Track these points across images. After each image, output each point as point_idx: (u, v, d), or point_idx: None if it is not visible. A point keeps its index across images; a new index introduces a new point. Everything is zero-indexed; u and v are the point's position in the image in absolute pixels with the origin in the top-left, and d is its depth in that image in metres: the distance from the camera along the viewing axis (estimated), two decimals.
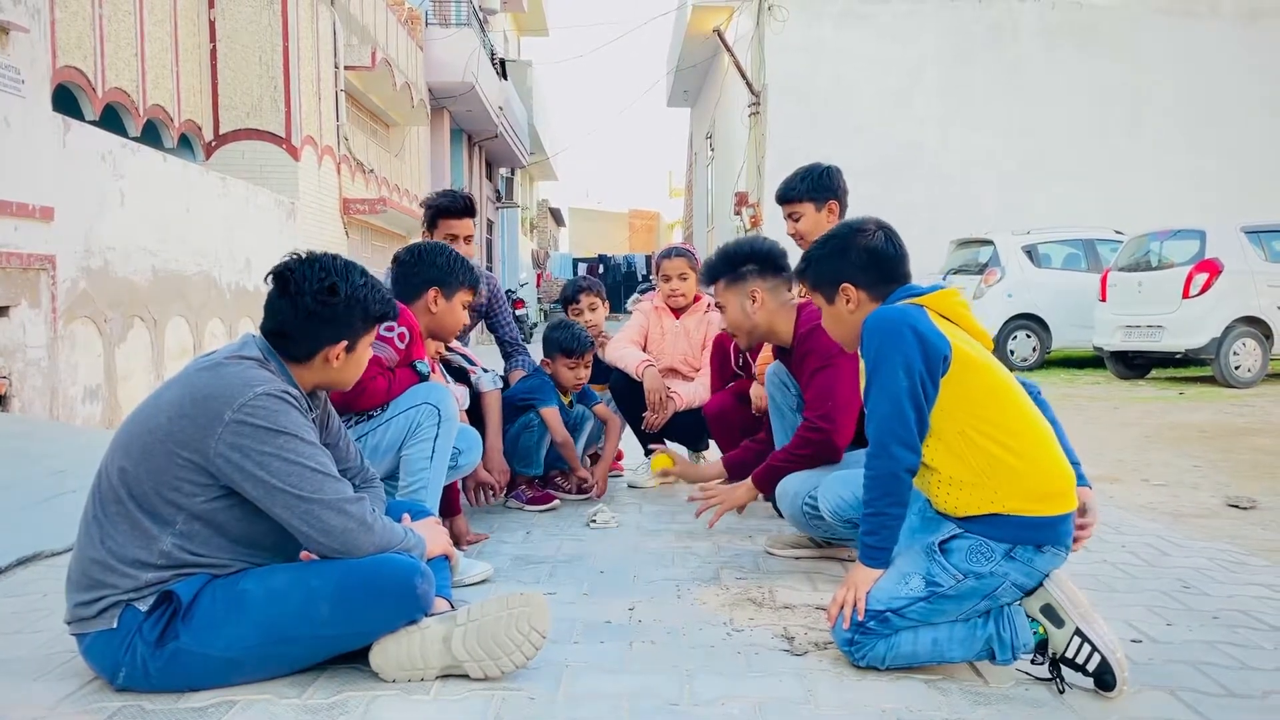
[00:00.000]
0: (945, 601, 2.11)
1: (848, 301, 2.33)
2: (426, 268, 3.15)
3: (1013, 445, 2.10)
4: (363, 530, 2.02)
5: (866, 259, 2.31)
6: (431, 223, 4.08)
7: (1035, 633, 2.10)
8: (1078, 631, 2.04)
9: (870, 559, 2.18)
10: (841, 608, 2.16)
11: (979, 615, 2.14)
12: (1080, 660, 2.03)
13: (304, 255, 2.14)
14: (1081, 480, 2.26)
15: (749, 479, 3.10)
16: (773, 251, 3.17)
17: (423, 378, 3.01)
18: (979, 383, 2.14)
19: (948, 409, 2.13)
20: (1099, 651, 2.01)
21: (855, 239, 2.34)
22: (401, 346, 2.95)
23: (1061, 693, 2.04)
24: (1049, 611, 2.09)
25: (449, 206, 4.05)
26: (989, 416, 2.12)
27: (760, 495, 3.12)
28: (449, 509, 3.22)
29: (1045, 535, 2.08)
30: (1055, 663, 2.08)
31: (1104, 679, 2.02)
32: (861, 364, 2.24)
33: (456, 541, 3.18)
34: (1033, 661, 2.12)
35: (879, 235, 2.33)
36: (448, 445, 2.89)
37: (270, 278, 2.12)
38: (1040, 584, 2.12)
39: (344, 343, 2.14)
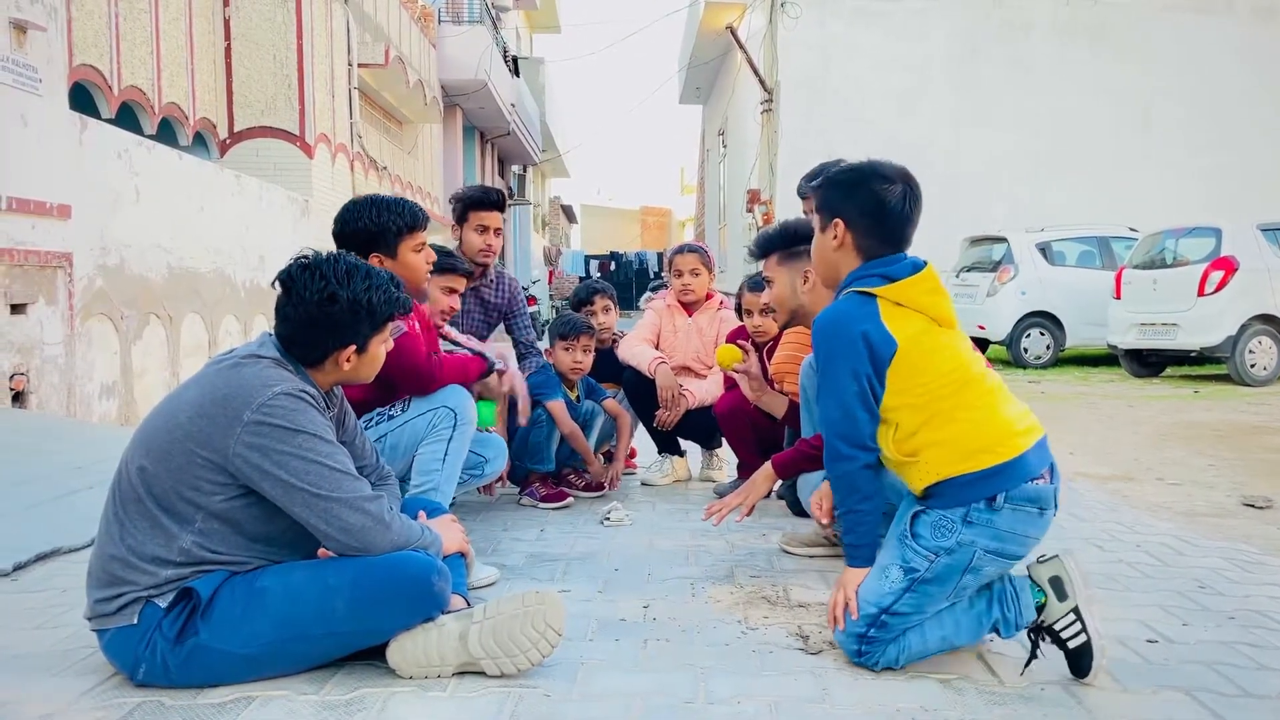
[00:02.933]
0: (928, 586, 2.11)
1: (834, 237, 2.28)
2: (354, 236, 2.89)
3: (947, 408, 2.12)
4: (381, 528, 2.04)
5: (872, 206, 2.23)
6: (461, 215, 4.17)
7: (1037, 601, 2.14)
8: (1076, 609, 2.08)
9: (854, 558, 2.20)
10: (839, 609, 2.17)
11: (972, 593, 2.16)
12: (1066, 636, 2.07)
13: (308, 259, 2.13)
14: None
15: (767, 465, 3.02)
16: None
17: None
18: (920, 362, 2.14)
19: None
20: (1087, 633, 2.05)
21: (872, 182, 2.24)
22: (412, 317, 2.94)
23: (1031, 658, 2.11)
24: (1057, 584, 2.12)
25: (480, 199, 4.14)
26: (923, 394, 2.13)
27: (777, 481, 3.09)
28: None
29: (986, 488, 2.09)
30: (1039, 630, 2.12)
31: (1081, 661, 2.05)
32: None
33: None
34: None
35: (897, 190, 2.23)
36: (462, 448, 2.89)
37: (276, 283, 2.13)
38: (1040, 556, 2.18)
39: (352, 346, 2.14)
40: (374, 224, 2.89)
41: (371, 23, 13.17)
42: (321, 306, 2.08)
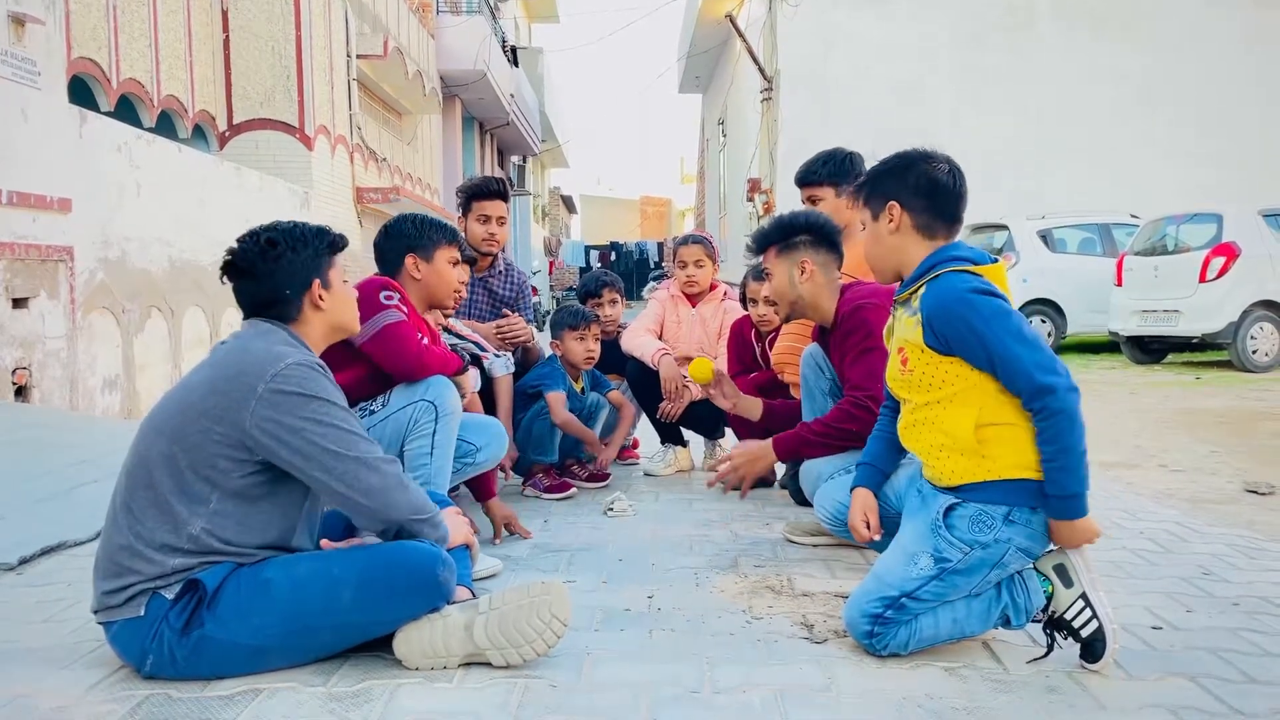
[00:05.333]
0: (956, 576, 2.12)
1: (890, 221, 2.28)
2: (397, 238, 3.14)
3: (1018, 412, 2.11)
4: (400, 488, 2.07)
5: (924, 186, 2.25)
6: (465, 206, 4.21)
7: (1045, 591, 2.14)
8: (1083, 595, 2.08)
9: (1074, 509, 2.04)
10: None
11: (992, 588, 2.17)
12: (1078, 624, 2.07)
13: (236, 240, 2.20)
14: None
15: (769, 444, 3.07)
16: (827, 225, 3.13)
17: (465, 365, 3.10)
18: None
19: (974, 378, 2.13)
20: (1098, 619, 2.05)
21: (920, 164, 2.28)
22: (404, 307, 2.97)
23: (1048, 652, 2.11)
24: (1061, 571, 2.13)
25: (481, 188, 4.19)
26: (1001, 390, 2.12)
27: (776, 463, 3.12)
28: (484, 493, 3.24)
29: (1038, 499, 2.10)
30: (1052, 622, 2.12)
31: (1094, 647, 2.06)
32: (902, 328, 2.22)
33: (498, 527, 3.22)
34: (1035, 619, 2.17)
35: (944, 168, 2.27)
36: (448, 439, 2.88)
37: (222, 274, 2.18)
38: (1049, 548, 2.16)
39: (315, 281, 2.18)
40: (416, 229, 3.14)
41: (370, 14, 13.13)
42: (265, 256, 2.13)
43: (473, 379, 3.37)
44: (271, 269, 2.13)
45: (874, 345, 2.90)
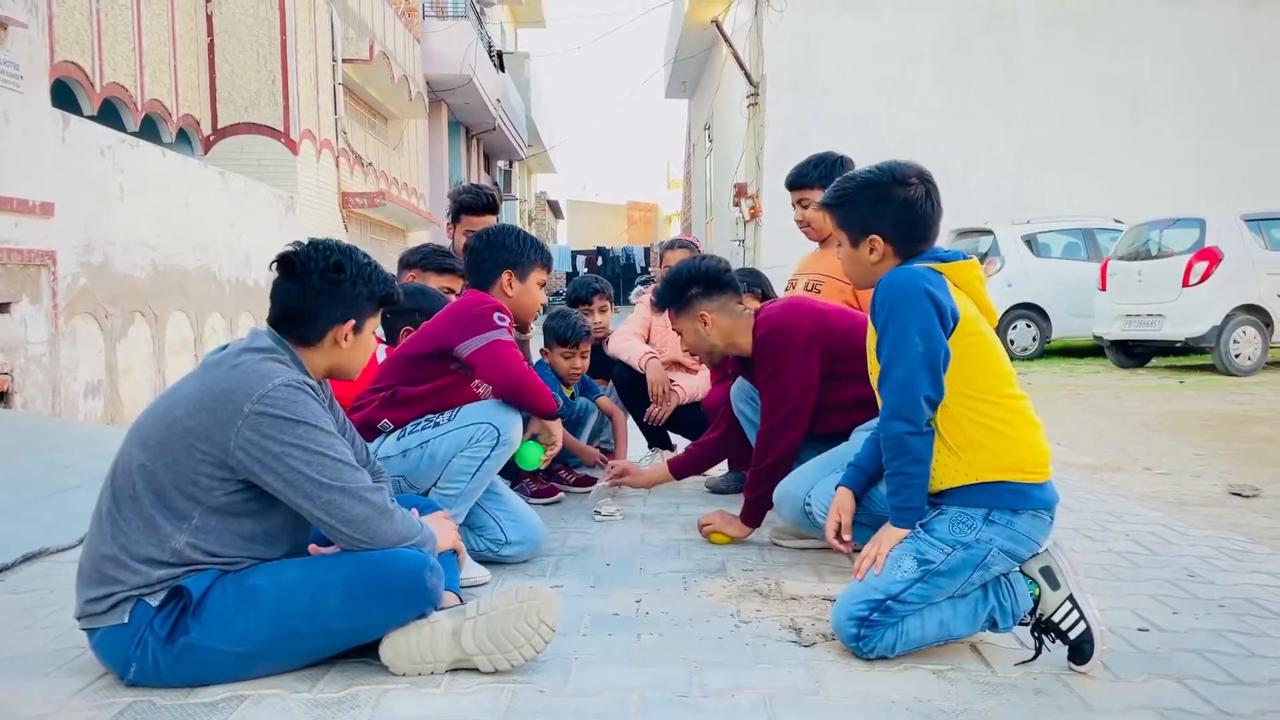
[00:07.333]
0: (940, 578, 2.13)
1: (871, 251, 2.31)
2: (498, 250, 3.09)
3: (998, 415, 2.15)
4: (384, 518, 2.03)
5: (903, 215, 2.26)
6: (455, 216, 4.22)
7: (1032, 594, 2.15)
8: (1070, 597, 2.10)
9: (899, 519, 2.20)
10: (867, 563, 2.20)
11: (976, 589, 2.18)
12: (1065, 626, 2.09)
13: (307, 240, 2.16)
14: None
15: (739, 520, 3.17)
16: (712, 269, 3.18)
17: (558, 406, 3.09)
18: (976, 355, 2.17)
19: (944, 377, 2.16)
20: (1086, 621, 2.07)
21: (896, 191, 2.26)
22: (511, 333, 2.97)
23: (1036, 654, 2.12)
24: (1048, 573, 2.15)
25: (471, 203, 4.19)
26: (977, 390, 2.15)
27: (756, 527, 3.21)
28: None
29: (1017, 501, 2.14)
30: (1040, 625, 2.14)
31: (1082, 649, 2.07)
32: (870, 326, 2.27)
33: None
34: (1022, 623, 2.18)
35: (920, 190, 2.26)
36: (494, 466, 2.88)
37: (275, 264, 2.13)
38: (1034, 553, 2.18)
39: (351, 321, 2.14)
40: (518, 244, 3.10)
41: (355, 18, 13.10)
42: (326, 275, 2.09)
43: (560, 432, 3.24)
44: (323, 288, 2.10)
45: (780, 365, 2.98)
